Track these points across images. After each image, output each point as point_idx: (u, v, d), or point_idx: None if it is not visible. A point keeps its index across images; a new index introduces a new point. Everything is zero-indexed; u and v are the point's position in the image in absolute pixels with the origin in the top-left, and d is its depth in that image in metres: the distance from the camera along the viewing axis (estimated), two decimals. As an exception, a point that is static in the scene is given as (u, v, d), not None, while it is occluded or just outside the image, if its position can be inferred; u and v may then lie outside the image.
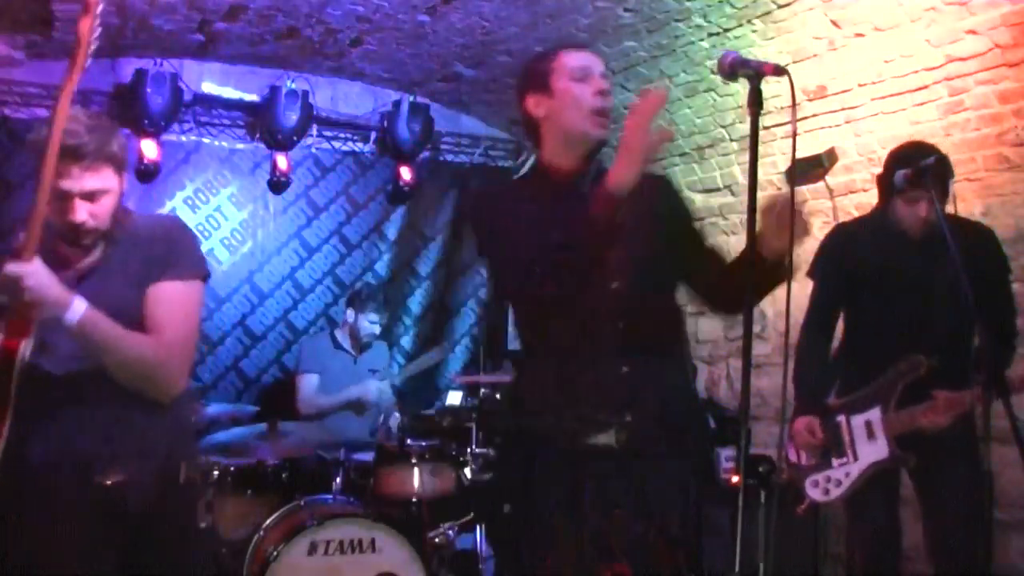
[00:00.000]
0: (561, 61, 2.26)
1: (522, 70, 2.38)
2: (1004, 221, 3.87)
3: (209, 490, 4.08)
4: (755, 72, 1.86)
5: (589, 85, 2.22)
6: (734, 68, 1.90)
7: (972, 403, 2.87)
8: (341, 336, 5.38)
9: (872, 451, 3.10)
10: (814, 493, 3.20)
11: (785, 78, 1.85)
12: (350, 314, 5.36)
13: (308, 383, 5.22)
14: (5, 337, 2.15)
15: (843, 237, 3.31)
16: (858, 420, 3.14)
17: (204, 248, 5.57)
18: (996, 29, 3.64)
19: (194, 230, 2.68)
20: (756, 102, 1.82)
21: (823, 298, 3.32)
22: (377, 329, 5.43)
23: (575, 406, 2.11)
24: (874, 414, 3.10)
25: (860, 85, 4.25)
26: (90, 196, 2.31)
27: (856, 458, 3.12)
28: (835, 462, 3.16)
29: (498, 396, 5.17)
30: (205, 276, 2.51)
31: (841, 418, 3.17)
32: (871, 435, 3.10)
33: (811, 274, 3.36)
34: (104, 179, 2.32)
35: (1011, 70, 3.74)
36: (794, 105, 1.94)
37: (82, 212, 2.30)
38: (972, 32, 3.72)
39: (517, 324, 2.34)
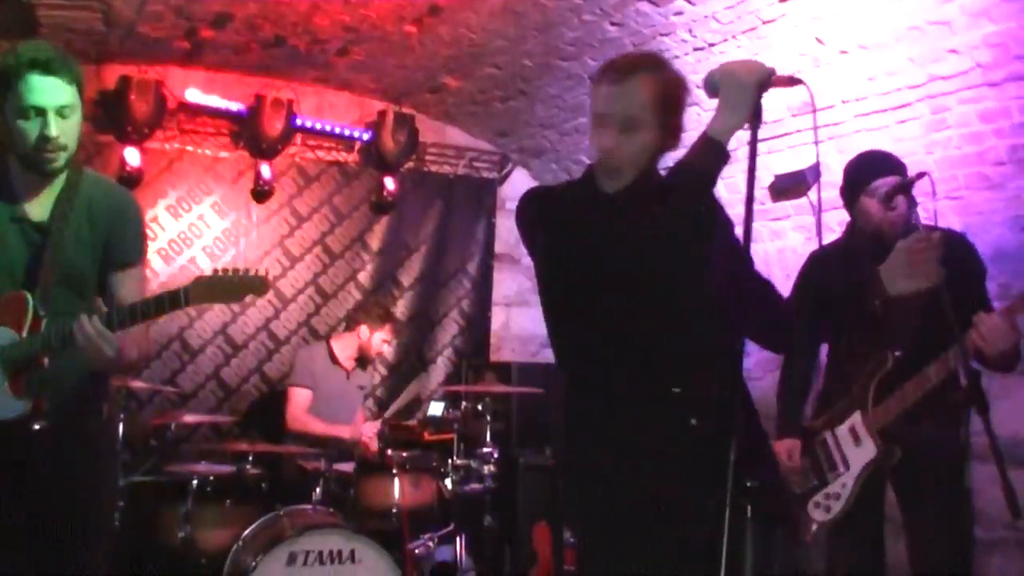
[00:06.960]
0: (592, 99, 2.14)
1: None
2: (984, 239, 3.89)
3: (188, 499, 4.07)
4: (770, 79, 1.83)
5: (604, 128, 2.07)
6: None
7: (939, 373, 2.90)
8: (340, 350, 5.32)
9: (861, 454, 3.12)
10: (817, 515, 3.20)
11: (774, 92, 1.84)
12: (363, 331, 5.32)
13: (301, 398, 5.15)
14: None
15: (817, 262, 3.33)
16: (842, 430, 3.17)
17: (186, 256, 5.58)
18: (978, 49, 3.67)
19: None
20: (756, 115, 1.82)
21: (803, 322, 3.34)
22: (386, 348, 5.40)
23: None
24: (855, 418, 3.14)
25: (844, 102, 4.27)
26: (61, 111, 2.33)
27: (848, 466, 3.14)
28: (830, 476, 3.19)
29: (479, 407, 5.15)
30: None
31: (826, 435, 3.20)
32: (857, 439, 3.13)
33: None
34: (73, 96, 2.36)
35: (992, 90, 3.77)
36: (815, 111, 1.94)
37: (55, 127, 2.31)
38: (954, 51, 3.75)
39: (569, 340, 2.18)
